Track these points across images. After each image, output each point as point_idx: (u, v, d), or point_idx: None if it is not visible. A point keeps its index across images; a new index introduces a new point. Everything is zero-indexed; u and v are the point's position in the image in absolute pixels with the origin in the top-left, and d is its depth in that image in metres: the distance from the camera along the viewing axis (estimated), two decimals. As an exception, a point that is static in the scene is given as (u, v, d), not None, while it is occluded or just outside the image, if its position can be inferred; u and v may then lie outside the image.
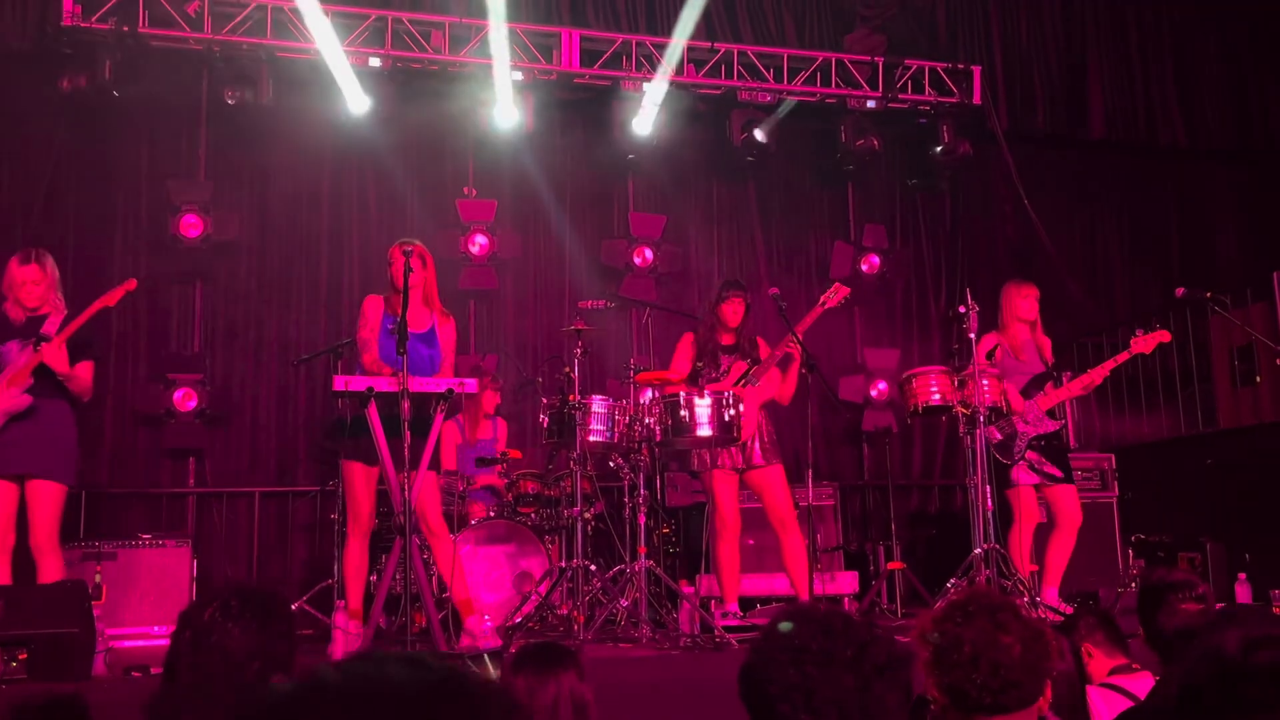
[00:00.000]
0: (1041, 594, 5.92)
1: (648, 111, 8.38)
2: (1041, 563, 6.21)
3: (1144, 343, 6.19)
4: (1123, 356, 6.24)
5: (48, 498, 5.06)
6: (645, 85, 8.41)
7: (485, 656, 2.27)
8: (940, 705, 2.01)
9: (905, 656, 1.75)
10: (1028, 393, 6.20)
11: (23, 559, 5.17)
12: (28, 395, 5.05)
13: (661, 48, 8.58)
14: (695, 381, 5.91)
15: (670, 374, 5.98)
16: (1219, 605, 6.27)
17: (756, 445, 5.94)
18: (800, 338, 5.95)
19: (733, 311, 6.03)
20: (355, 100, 7.86)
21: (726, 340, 6.07)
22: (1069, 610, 5.34)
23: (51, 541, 5.07)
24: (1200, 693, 1.71)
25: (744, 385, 5.90)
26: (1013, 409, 6.16)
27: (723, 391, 5.67)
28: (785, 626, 1.75)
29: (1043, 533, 6.24)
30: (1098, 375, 6.21)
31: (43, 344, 5.03)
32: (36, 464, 5.05)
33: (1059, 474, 6.16)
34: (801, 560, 5.89)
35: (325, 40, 7.61)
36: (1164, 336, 6.27)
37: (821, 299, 6.16)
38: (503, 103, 8.09)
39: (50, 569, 5.03)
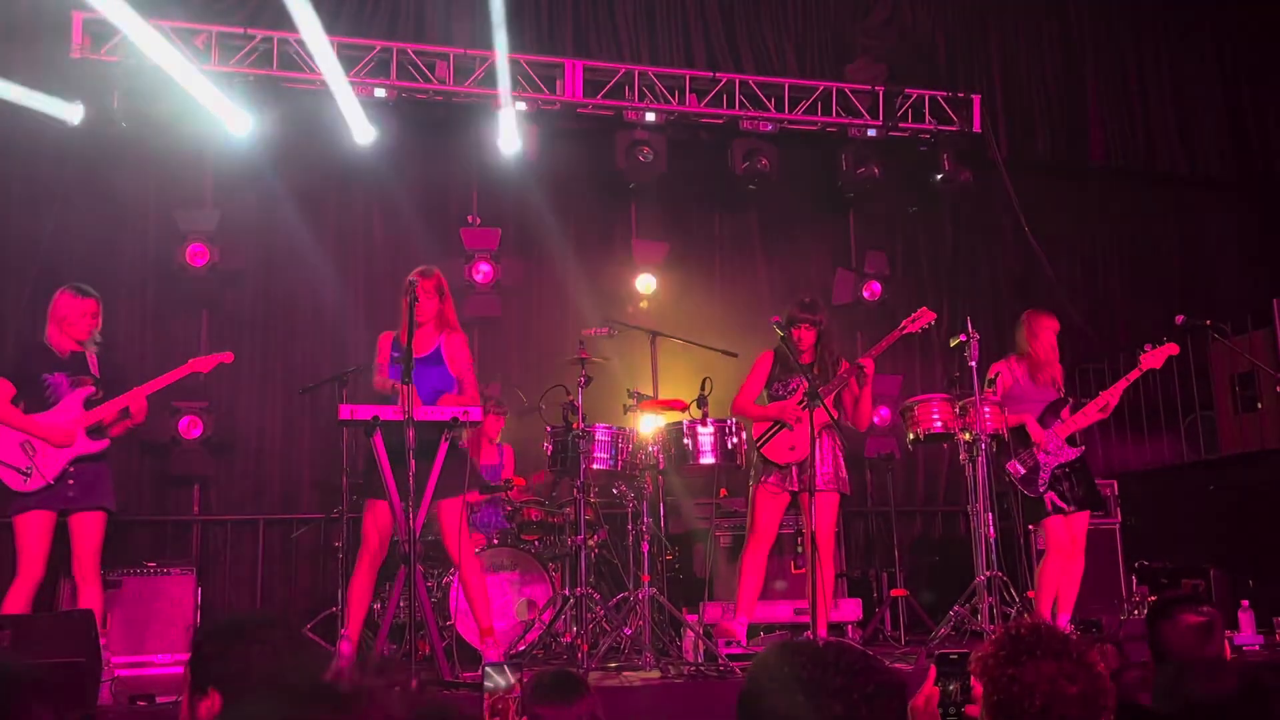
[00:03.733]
0: (1057, 623, 5.90)
1: (650, 140, 8.46)
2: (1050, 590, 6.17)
3: (1154, 357, 6.19)
4: (1134, 374, 6.23)
5: (93, 527, 5.20)
6: (648, 115, 8.49)
7: (504, 666, 2.30)
8: None
9: (896, 686, 1.77)
10: (1044, 421, 6.17)
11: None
12: (104, 440, 5.26)
13: (664, 78, 8.67)
14: (764, 399, 5.98)
15: (743, 406, 5.99)
16: (1228, 632, 6.30)
17: (821, 469, 5.80)
18: (873, 360, 5.97)
19: (799, 337, 5.98)
20: (360, 130, 7.94)
21: (805, 359, 5.99)
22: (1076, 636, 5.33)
23: (95, 569, 5.20)
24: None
25: (805, 407, 5.83)
26: (1032, 440, 6.12)
27: (725, 419, 5.69)
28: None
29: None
30: (1113, 396, 6.19)
31: (133, 400, 5.29)
32: (84, 499, 5.18)
33: (1083, 501, 6.13)
34: (824, 591, 5.73)
35: (330, 71, 7.70)
36: (1172, 349, 6.25)
37: (902, 324, 6.14)
38: (507, 133, 8.17)
39: (91, 596, 5.11)
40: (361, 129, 7.94)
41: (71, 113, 7.44)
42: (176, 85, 7.61)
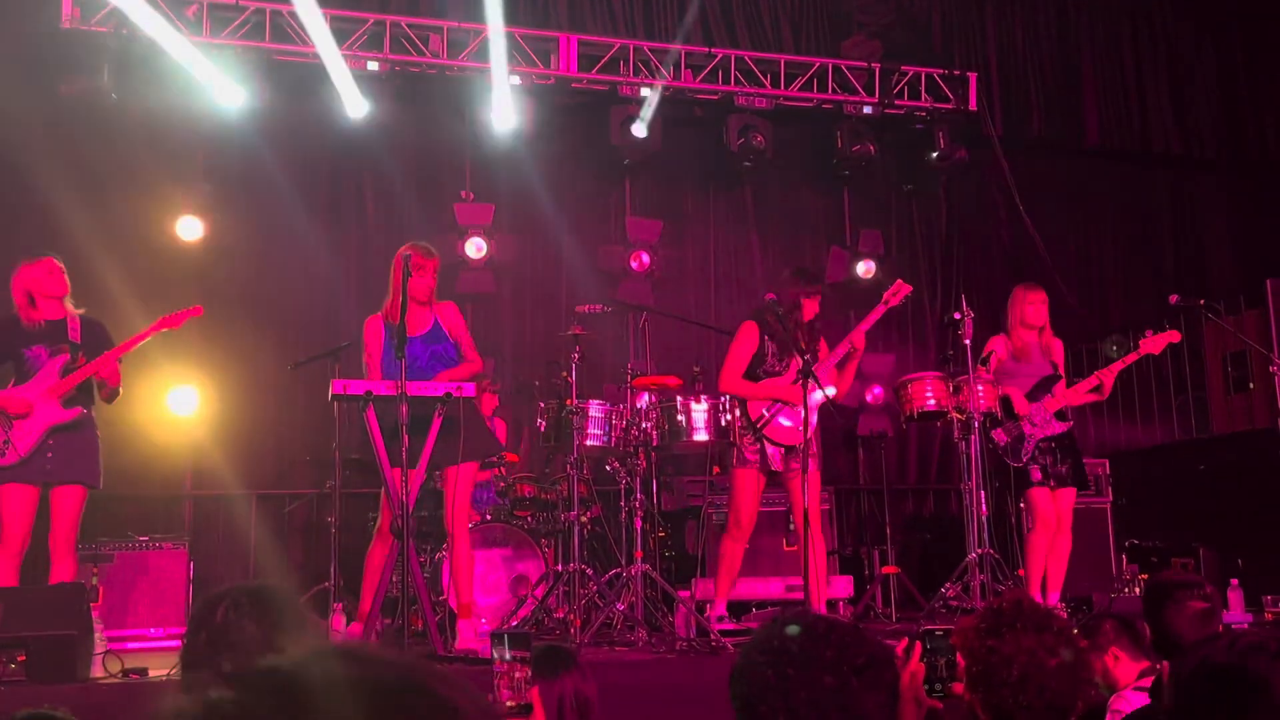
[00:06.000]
0: (1047, 600, 5.91)
1: (645, 116, 8.42)
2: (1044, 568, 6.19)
3: (1153, 343, 6.16)
4: (1131, 357, 6.21)
5: (72, 501, 5.17)
6: (643, 90, 8.45)
7: (516, 637, 2.29)
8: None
9: (886, 658, 1.77)
10: (1034, 395, 6.16)
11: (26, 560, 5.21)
12: (76, 408, 5.18)
13: (659, 53, 8.63)
14: (755, 376, 5.74)
15: (734, 384, 5.75)
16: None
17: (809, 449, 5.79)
18: (863, 336, 5.87)
19: (811, 308, 5.85)
20: (353, 104, 7.89)
21: (795, 334, 5.81)
22: (1064, 615, 5.36)
23: (70, 543, 5.17)
24: (1193, 694, 1.76)
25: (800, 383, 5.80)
26: (1018, 413, 6.12)
27: (720, 395, 5.68)
28: (793, 630, 1.78)
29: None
30: (1108, 376, 6.18)
31: (105, 365, 5.17)
32: (65, 471, 5.14)
33: (1068, 478, 6.13)
34: (817, 563, 5.69)
35: (323, 43, 7.64)
36: (1173, 337, 6.23)
37: (884, 296, 6.01)
38: (501, 107, 8.12)
39: (64, 570, 5.09)
40: (354, 102, 7.89)
41: (63, 84, 7.36)
42: (168, 57, 7.55)
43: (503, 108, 8.12)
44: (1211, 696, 1.72)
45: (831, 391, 5.68)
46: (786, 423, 5.73)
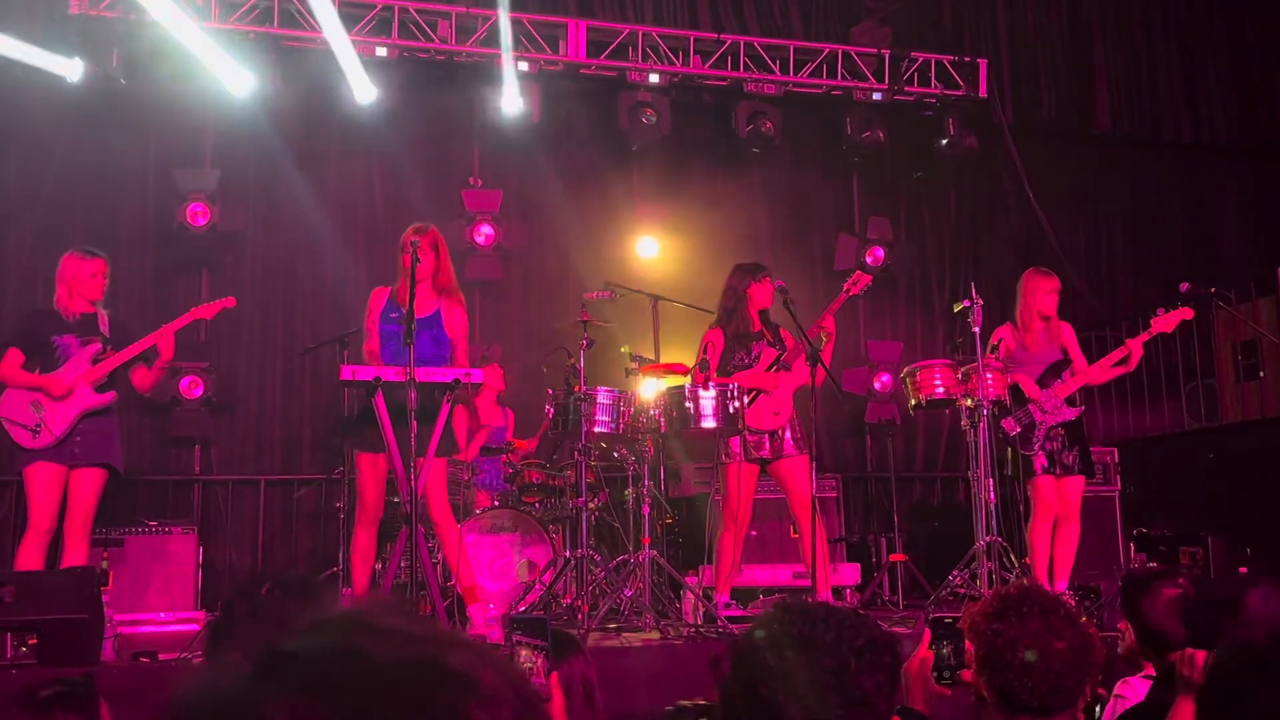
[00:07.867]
0: (1054, 589, 5.90)
1: (653, 102, 8.39)
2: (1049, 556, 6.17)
3: (1166, 320, 6.09)
4: (1144, 336, 6.15)
5: (92, 484, 5.24)
6: (651, 76, 8.43)
7: (533, 622, 2.30)
8: (988, 703, 2.07)
9: (887, 641, 1.78)
10: (1044, 381, 6.13)
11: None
12: (110, 393, 5.30)
13: (668, 38, 8.60)
14: (726, 373, 5.81)
15: (709, 373, 5.82)
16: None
17: (789, 435, 5.86)
18: (833, 320, 5.89)
19: (763, 292, 5.94)
20: (361, 90, 7.88)
21: (754, 327, 5.99)
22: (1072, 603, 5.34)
23: (86, 527, 5.25)
24: (1230, 678, 1.76)
25: (776, 370, 5.85)
26: (1029, 398, 6.10)
27: (727, 383, 5.67)
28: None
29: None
30: (1136, 345, 6.11)
31: (160, 339, 5.33)
32: (90, 455, 5.22)
33: (1075, 466, 6.12)
34: (818, 550, 5.71)
35: (332, 29, 7.63)
36: (1187, 313, 6.12)
37: (845, 286, 6.07)
38: (509, 93, 8.11)
39: (77, 554, 5.13)
40: (363, 88, 7.88)
41: (70, 70, 7.37)
42: (176, 42, 7.54)
43: (511, 93, 8.10)
44: (1252, 680, 1.73)
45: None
46: (769, 409, 5.82)
